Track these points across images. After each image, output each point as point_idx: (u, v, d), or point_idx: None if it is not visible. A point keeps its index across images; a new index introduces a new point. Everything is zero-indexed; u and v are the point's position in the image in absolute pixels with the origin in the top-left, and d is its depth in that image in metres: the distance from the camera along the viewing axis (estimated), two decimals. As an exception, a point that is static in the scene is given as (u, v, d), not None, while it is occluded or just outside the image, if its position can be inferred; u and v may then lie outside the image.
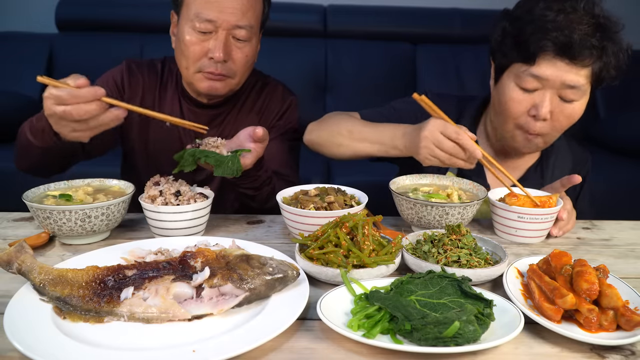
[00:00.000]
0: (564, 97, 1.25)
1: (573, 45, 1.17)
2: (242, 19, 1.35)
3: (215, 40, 1.34)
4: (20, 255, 0.86)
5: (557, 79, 1.22)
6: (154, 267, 0.85)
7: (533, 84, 1.24)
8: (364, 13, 3.42)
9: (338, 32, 3.40)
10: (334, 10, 3.43)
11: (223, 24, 1.33)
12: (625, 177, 2.76)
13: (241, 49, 1.39)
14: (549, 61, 1.21)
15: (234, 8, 1.33)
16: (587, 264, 0.86)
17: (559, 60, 1.20)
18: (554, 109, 1.26)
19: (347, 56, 3.32)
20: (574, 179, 1.21)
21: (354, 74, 3.29)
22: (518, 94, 1.28)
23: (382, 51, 3.33)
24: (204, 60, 1.37)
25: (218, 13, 1.32)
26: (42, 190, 1.16)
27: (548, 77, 1.22)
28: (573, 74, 1.21)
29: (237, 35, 1.37)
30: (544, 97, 1.24)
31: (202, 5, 1.32)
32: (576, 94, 1.24)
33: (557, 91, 1.24)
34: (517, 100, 1.28)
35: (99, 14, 3.31)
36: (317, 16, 3.38)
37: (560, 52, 1.19)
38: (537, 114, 1.26)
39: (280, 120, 1.59)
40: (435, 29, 3.43)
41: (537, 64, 1.22)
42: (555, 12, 1.20)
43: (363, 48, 3.33)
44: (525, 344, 0.77)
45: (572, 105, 1.26)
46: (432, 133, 1.15)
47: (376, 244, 0.94)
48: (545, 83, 1.23)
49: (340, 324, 0.76)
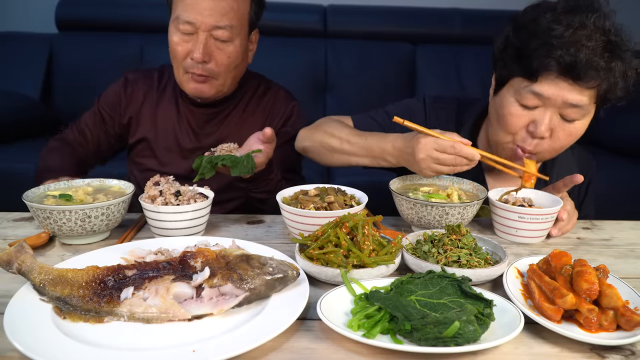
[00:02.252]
0: (566, 116, 1.19)
1: (578, 66, 1.10)
2: (222, 20, 1.37)
3: (195, 42, 1.38)
4: (20, 255, 0.86)
5: (559, 99, 1.16)
6: (154, 267, 0.85)
7: (533, 102, 1.19)
8: (364, 13, 3.41)
9: (338, 32, 3.40)
10: (334, 10, 3.43)
11: (202, 25, 1.37)
12: (624, 178, 2.76)
13: (223, 50, 1.41)
14: (552, 80, 1.15)
15: (212, 9, 1.36)
16: (587, 264, 0.86)
17: (562, 80, 1.14)
18: (554, 127, 1.21)
19: (347, 56, 3.32)
20: (576, 178, 1.19)
21: (354, 74, 3.29)
22: (517, 109, 1.22)
23: (382, 51, 3.33)
24: (188, 61, 1.41)
25: (196, 15, 1.35)
26: (42, 190, 1.16)
27: (550, 96, 1.16)
28: (576, 94, 1.15)
29: (217, 36, 1.39)
30: (544, 115, 1.19)
31: (183, 7, 1.37)
32: (578, 114, 1.18)
33: (559, 110, 1.19)
34: (516, 115, 1.22)
35: (99, 14, 3.31)
36: (317, 16, 3.38)
37: (564, 72, 1.13)
38: (534, 131, 1.21)
39: (284, 127, 1.61)
40: (435, 29, 3.42)
41: (539, 81, 1.16)
42: (563, 26, 1.12)
43: (363, 48, 3.33)
44: (525, 344, 0.77)
45: (573, 125, 1.21)
46: (428, 153, 1.13)
47: (376, 244, 0.94)
48: (546, 101, 1.18)
49: (340, 324, 0.76)
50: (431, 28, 3.43)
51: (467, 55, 3.34)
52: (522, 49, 1.18)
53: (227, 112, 1.56)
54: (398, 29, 3.42)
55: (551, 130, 1.21)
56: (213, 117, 1.56)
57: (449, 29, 3.44)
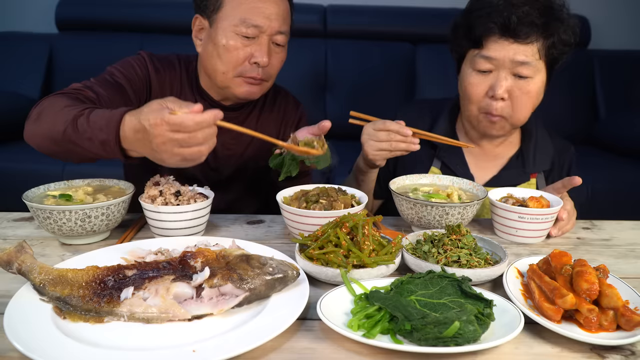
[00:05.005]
0: (518, 73, 1.31)
1: (514, 24, 1.26)
2: (283, 25, 1.38)
3: (259, 45, 1.36)
4: (20, 255, 0.86)
5: (506, 58, 1.30)
6: (154, 267, 0.85)
7: (486, 65, 1.33)
8: (364, 13, 3.41)
9: (338, 32, 3.40)
10: (334, 10, 3.43)
11: (268, 29, 1.35)
12: (624, 178, 2.76)
13: (278, 54, 1.42)
14: (495, 42, 1.30)
15: (277, 14, 1.36)
16: (587, 264, 0.86)
17: (504, 39, 1.29)
18: (510, 88, 1.33)
19: (347, 56, 3.31)
20: (574, 180, 1.21)
21: (354, 74, 3.28)
22: (475, 77, 1.36)
23: (382, 51, 3.33)
24: (246, 65, 1.37)
25: (264, 19, 1.33)
26: (42, 190, 1.16)
27: (496, 57, 1.30)
28: (520, 52, 1.29)
29: (276, 41, 1.39)
30: (499, 76, 1.32)
31: (249, 11, 1.33)
32: (529, 70, 1.31)
33: (510, 70, 1.31)
34: (474, 84, 1.36)
35: (99, 14, 3.31)
36: (317, 16, 3.38)
37: (503, 32, 1.29)
38: (494, 94, 1.33)
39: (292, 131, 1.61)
40: (435, 29, 3.42)
41: (485, 46, 1.32)
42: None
43: (363, 48, 3.33)
44: (525, 344, 0.77)
45: (527, 82, 1.32)
46: (366, 133, 1.31)
47: (376, 244, 0.94)
48: (496, 63, 1.31)
49: (340, 324, 0.76)
50: (431, 28, 3.42)
51: (467, 55, 3.34)
52: (468, 25, 1.36)
53: (244, 116, 1.55)
54: (398, 29, 3.42)
55: (509, 92, 1.33)
56: (231, 120, 1.53)
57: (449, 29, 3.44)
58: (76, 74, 3.24)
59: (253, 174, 1.57)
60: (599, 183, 2.63)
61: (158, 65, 1.48)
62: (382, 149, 1.28)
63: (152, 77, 1.45)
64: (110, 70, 1.39)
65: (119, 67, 1.40)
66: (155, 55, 1.51)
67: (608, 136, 3.18)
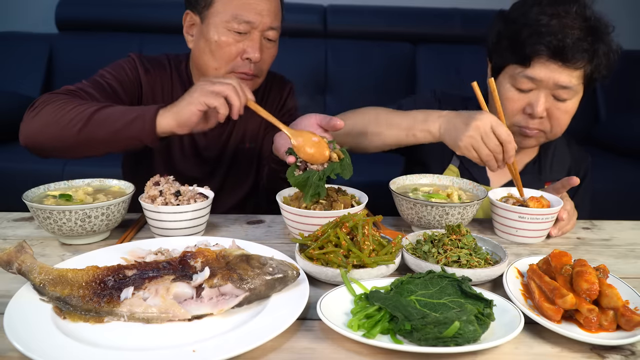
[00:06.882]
0: (558, 96, 1.31)
1: (566, 49, 1.23)
2: (274, 21, 1.39)
3: (251, 41, 1.37)
4: (20, 255, 0.86)
5: (551, 80, 1.28)
6: (154, 267, 0.85)
7: (528, 85, 1.31)
8: (364, 13, 3.42)
9: (338, 32, 3.40)
10: (334, 10, 3.43)
11: (260, 25, 1.36)
12: (624, 178, 2.76)
13: (270, 49, 1.43)
14: (543, 64, 1.27)
15: (269, 10, 1.37)
16: (587, 264, 0.86)
17: (553, 63, 1.26)
18: (549, 107, 1.32)
19: (347, 56, 3.32)
20: (573, 180, 1.23)
21: (354, 74, 3.29)
22: (514, 93, 1.34)
23: (382, 51, 3.33)
24: (238, 61, 1.38)
25: (256, 15, 1.35)
26: (42, 190, 1.16)
27: (542, 78, 1.28)
28: (566, 75, 1.27)
29: (268, 36, 1.40)
30: (539, 96, 1.31)
31: (240, 7, 1.34)
32: (569, 94, 1.30)
33: (551, 91, 1.31)
34: (512, 100, 1.34)
35: (99, 14, 3.32)
36: (317, 16, 3.38)
37: (553, 56, 1.25)
38: (532, 112, 1.32)
39: (282, 110, 1.62)
40: (435, 29, 3.42)
41: (531, 66, 1.29)
42: (548, 16, 1.26)
43: (363, 48, 3.33)
44: (525, 344, 0.77)
45: (565, 104, 1.32)
46: (484, 125, 1.14)
47: (376, 244, 0.94)
48: (539, 84, 1.30)
49: (340, 324, 0.76)
50: (431, 28, 3.43)
51: (467, 55, 3.33)
52: (515, 39, 1.30)
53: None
54: (398, 29, 3.42)
55: (547, 111, 1.32)
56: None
57: (449, 29, 3.44)
58: (76, 74, 3.24)
59: (242, 156, 1.59)
60: (599, 183, 2.61)
61: (148, 66, 1.49)
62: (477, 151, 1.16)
63: (142, 78, 1.47)
64: (102, 73, 1.42)
65: (110, 69, 1.43)
66: (145, 57, 1.53)
67: (608, 136, 3.18)
